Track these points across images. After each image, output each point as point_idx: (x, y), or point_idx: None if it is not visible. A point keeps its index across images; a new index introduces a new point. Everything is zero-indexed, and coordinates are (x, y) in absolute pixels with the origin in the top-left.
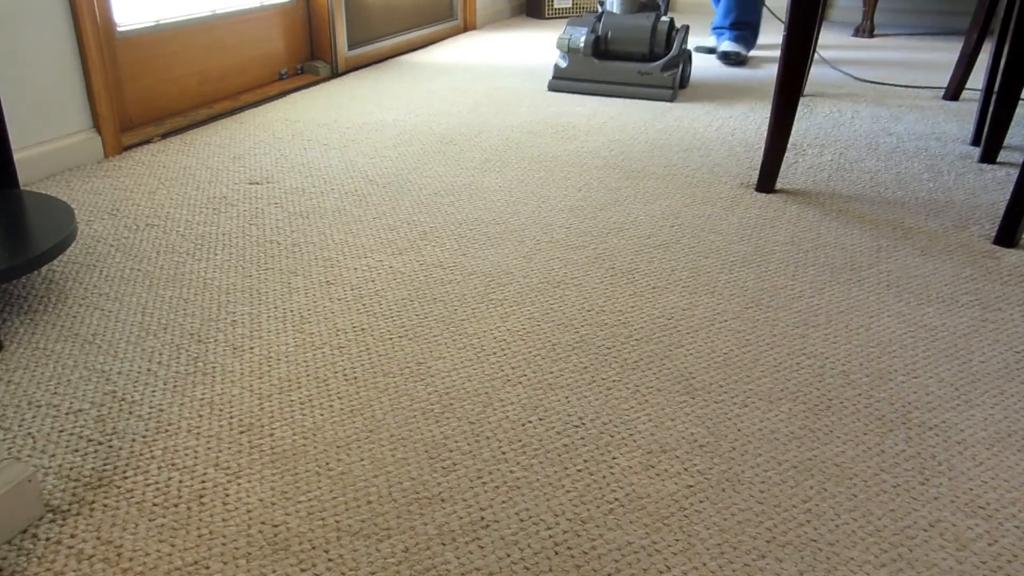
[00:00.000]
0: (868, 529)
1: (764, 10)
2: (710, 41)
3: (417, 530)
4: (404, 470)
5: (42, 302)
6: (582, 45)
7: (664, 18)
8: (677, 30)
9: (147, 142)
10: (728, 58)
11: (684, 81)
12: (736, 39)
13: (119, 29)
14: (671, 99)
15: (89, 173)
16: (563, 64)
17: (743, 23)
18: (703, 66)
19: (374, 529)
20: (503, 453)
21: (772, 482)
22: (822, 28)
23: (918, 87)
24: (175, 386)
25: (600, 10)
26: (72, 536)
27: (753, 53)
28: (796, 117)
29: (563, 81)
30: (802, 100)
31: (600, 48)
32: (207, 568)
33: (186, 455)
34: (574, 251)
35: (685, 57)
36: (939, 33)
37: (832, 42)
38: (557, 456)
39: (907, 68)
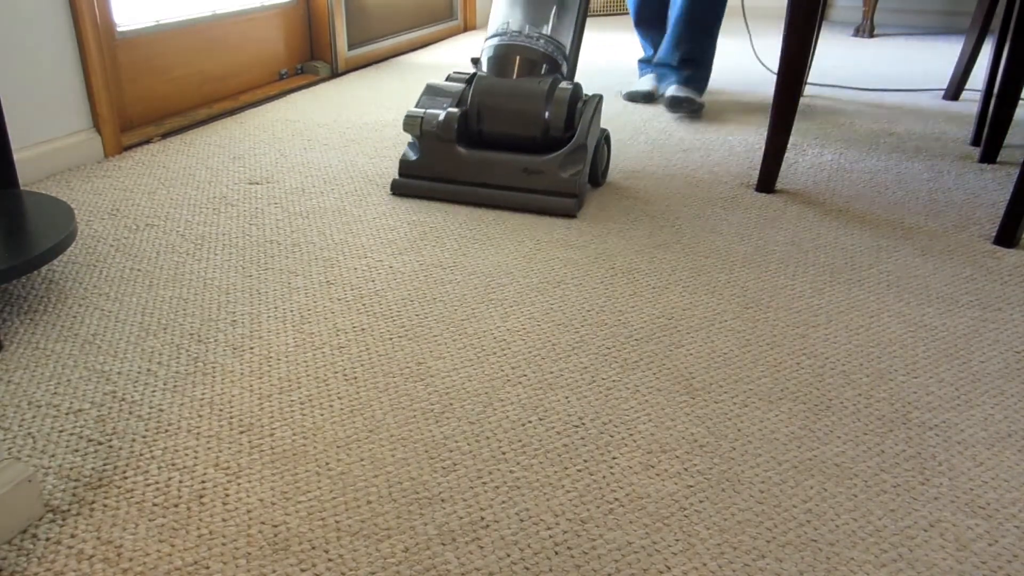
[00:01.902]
0: (868, 529)
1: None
2: (643, 83)
3: (417, 530)
4: (404, 470)
5: (42, 302)
6: (440, 126)
7: (565, 84)
8: (585, 100)
9: (147, 142)
10: (680, 106)
11: (599, 177)
12: (687, 82)
13: (119, 29)
14: (575, 210)
15: (89, 173)
16: (412, 156)
17: (694, 60)
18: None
19: (374, 529)
20: (503, 453)
21: (772, 482)
22: (822, 28)
23: (918, 90)
24: (175, 386)
25: (475, 71)
26: (72, 536)
27: (707, 97)
28: (796, 117)
29: (412, 181)
30: (802, 100)
31: (470, 130)
32: (207, 568)
33: (186, 455)
34: (574, 251)
35: (599, 142)
36: (939, 33)
37: (832, 42)
38: (557, 456)
39: (907, 68)
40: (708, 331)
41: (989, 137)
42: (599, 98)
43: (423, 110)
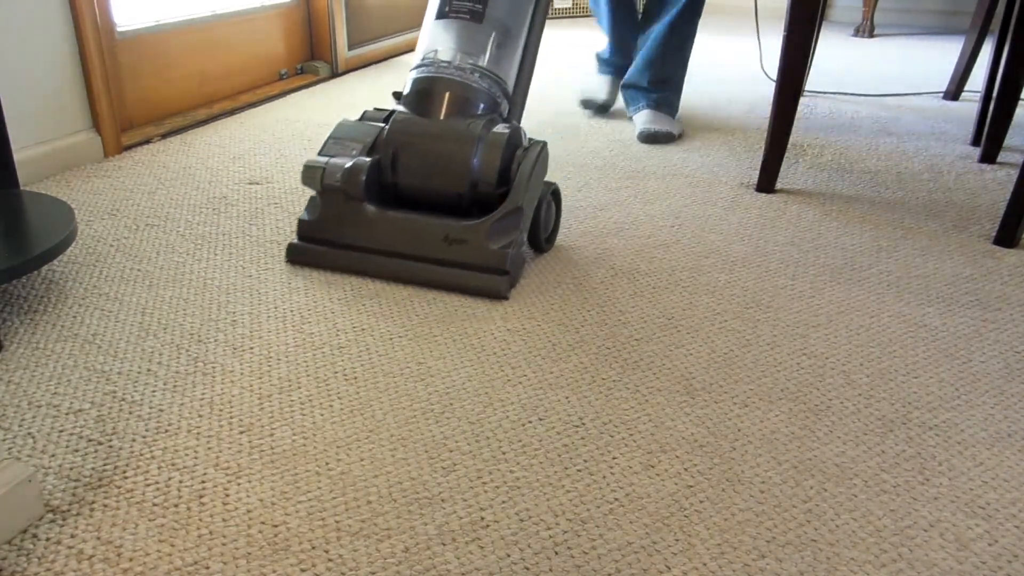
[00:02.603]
0: (868, 529)
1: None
2: (600, 88)
3: (417, 530)
4: (404, 470)
5: (42, 302)
6: (344, 179)
7: (501, 127)
8: (526, 148)
9: (147, 142)
10: (655, 140)
11: (542, 242)
12: (658, 105)
13: (119, 29)
14: (505, 291)
15: (89, 173)
16: (311, 215)
17: (666, 80)
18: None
19: (374, 529)
20: (503, 453)
21: (772, 482)
22: (822, 28)
23: (918, 93)
24: (175, 386)
25: (396, 106)
26: (72, 536)
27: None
28: (796, 117)
29: (309, 247)
30: (802, 100)
31: (384, 183)
32: (207, 568)
33: (186, 455)
34: (574, 251)
35: (543, 201)
36: (939, 33)
37: (832, 42)
38: (557, 456)
39: (907, 68)
40: (708, 331)
41: (989, 137)
42: (542, 146)
43: (326, 158)
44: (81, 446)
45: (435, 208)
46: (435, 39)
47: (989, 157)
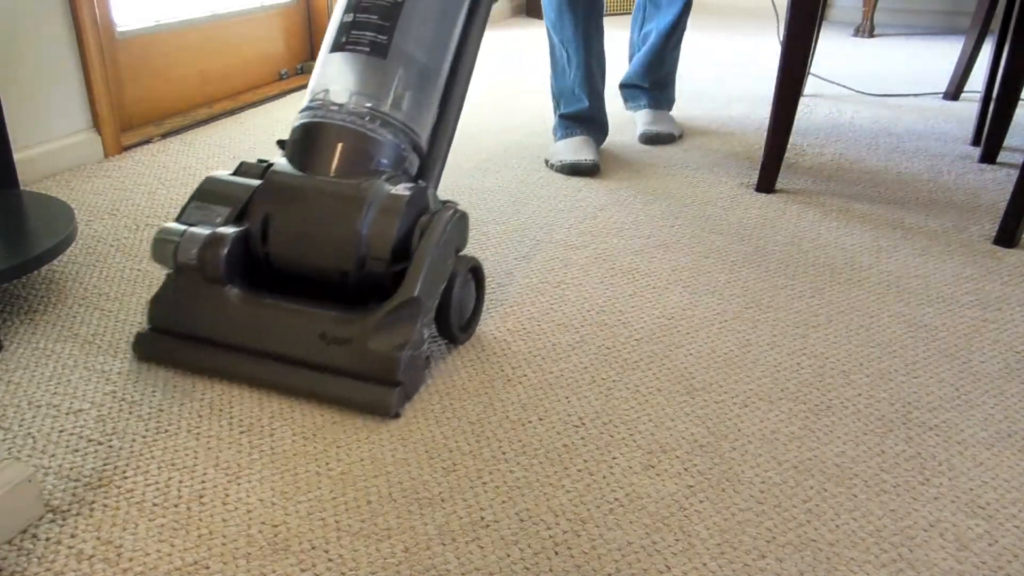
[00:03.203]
0: (868, 529)
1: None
2: (578, 149)
3: (417, 530)
4: (404, 470)
5: (42, 302)
6: (200, 256)
7: (402, 187)
8: (434, 215)
9: (147, 142)
10: (658, 140)
11: (456, 333)
12: (659, 103)
13: (119, 29)
14: (393, 406)
15: (89, 173)
16: (160, 299)
17: (665, 77)
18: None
19: (374, 529)
20: (503, 453)
21: (772, 482)
22: (822, 28)
23: (918, 95)
24: (175, 386)
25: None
26: (72, 536)
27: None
28: (796, 117)
29: (161, 338)
30: (802, 100)
31: (254, 260)
32: (207, 568)
33: (186, 455)
34: (574, 251)
35: (453, 283)
36: (939, 33)
37: (832, 42)
38: (557, 456)
39: (907, 68)
40: (708, 331)
41: (989, 137)
42: (452, 212)
43: (183, 227)
44: (81, 446)
45: (317, 290)
46: (327, 76)
47: (989, 157)
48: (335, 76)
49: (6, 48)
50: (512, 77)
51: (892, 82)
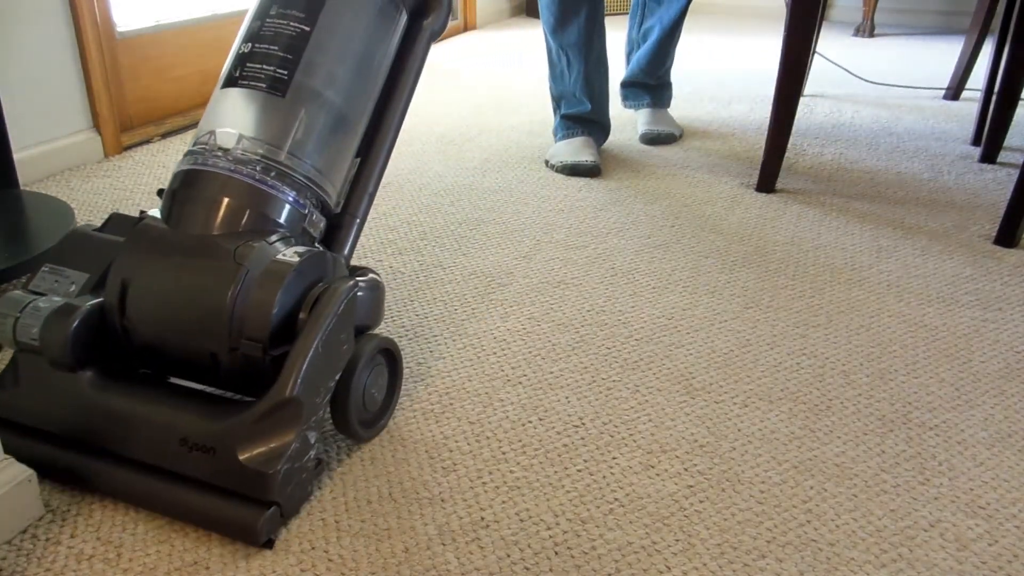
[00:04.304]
0: (868, 529)
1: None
2: (578, 150)
3: (417, 530)
4: (404, 470)
5: None
6: (44, 337)
7: (290, 255)
8: (327, 286)
9: (147, 142)
10: (659, 140)
11: (358, 429)
12: (660, 101)
13: (119, 30)
14: (261, 533)
15: (89, 173)
16: (5, 385)
17: (665, 74)
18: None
19: (374, 529)
20: (503, 453)
21: (772, 482)
22: (822, 28)
23: (918, 87)
24: None
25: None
26: (72, 536)
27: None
28: (796, 117)
29: (2, 430)
30: (802, 100)
31: (113, 338)
32: (207, 568)
33: None
34: (574, 251)
35: (359, 367)
36: (939, 33)
37: (832, 42)
38: (557, 456)
39: (907, 68)
40: (708, 331)
41: (989, 137)
42: (354, 284)
43: (29, 297)
44: None
45: (186, 375)
46: (215, 115)
47: (989, 157)
48: (224, 116)
49: (6, 48)
50: (512, 77)
51: (892, 82)
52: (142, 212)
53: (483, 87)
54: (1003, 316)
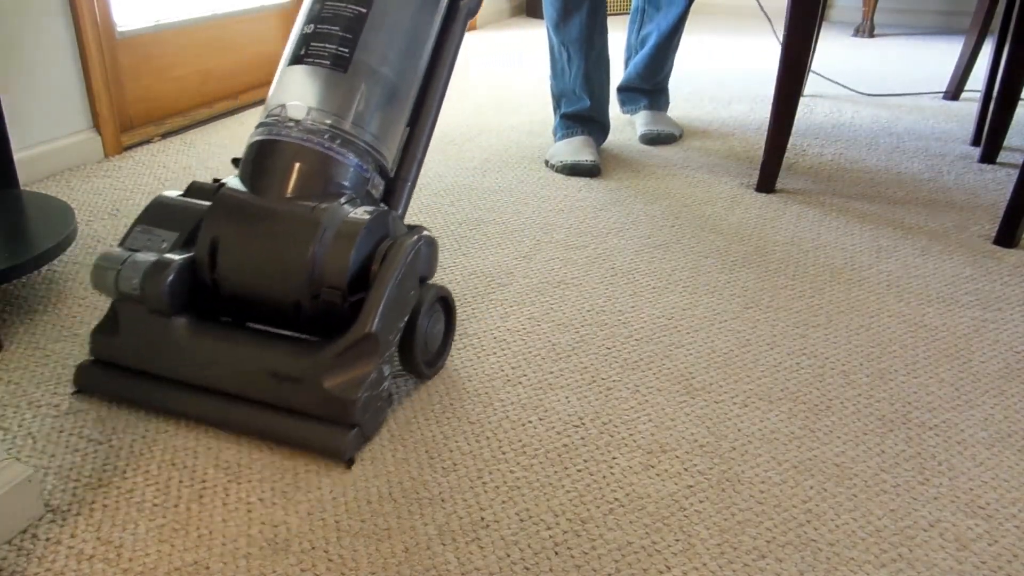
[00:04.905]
0: (868, 529)
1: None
2: (578, 150)
3: (417, 530)
4: (404, 470)
5: (42, 302)
6: (143, 287)
7: (361, 211)
8: (395, 240)
9: (147, 142)
10: (659, 140)
11: (422, 367)
12: (657, 104)
13: (119, 29)
14: (348, 449)
15: (89, 173)
16: (102, 330)
17: (664, 78)
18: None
19: (374, 529)
20: (503, 453)
21: (772, 482)
22: (822, 28)
23: (918, 93)
24: None
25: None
26: (72, 536)
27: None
28: (796, 117)
29: (103, 371)
30: (802, 100)
31: (202, 289)
32: (207, 568)
33: (186, 455)
34: (574, 251)
35: (421, 312)
36: (939, 33)
37: (832, 42)
38: (557, 456)
39: (907, 68)
40: (708, 331)
41: (989, 137)
42: (416, 239)
43: (126, 253)
44: (81, 446)
45: (269, 321)
46: (284, 90)
47: (989, 157)
48: (292, 91)
49: (6, 48)
50: (512, 77)
51: (892, 82)
52: (216, 180)
53: (483, 87)
54: (1003, 316)
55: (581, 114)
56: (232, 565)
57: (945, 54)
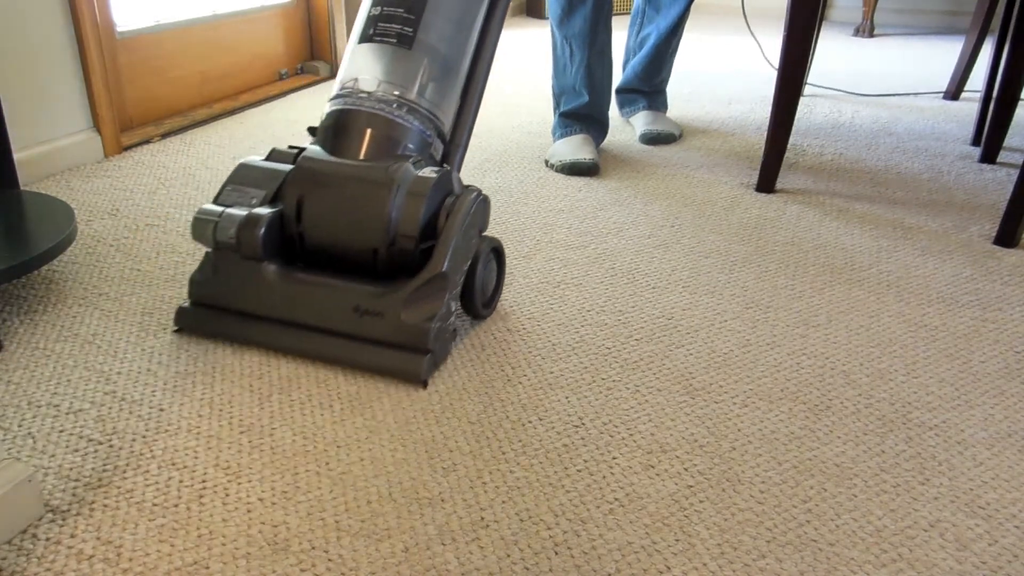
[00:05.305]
0: (868, 529)
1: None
2: (577, 150)
3: (417, 530)
4: (404, 470)
5: (42, 302)
6: (238, 235)
7: (429, 170)
8: (458, 196)
9: (147, 142)
10: (659, 140)
11: (479, 308)
12: (656, 104)
13: (119, 30)
14: (424, 372)
15: (89, 173)
16: (200, 276)
17: (663, 80)
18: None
19: (374, 529)
20: (503, 453)
21: (772, 482)
22: (822, 28)
23: (918, 93)
24: (175, 386)
25: (309, 144)
26: (72, 536)
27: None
28: (796, 117)
29: (201, 312)
30: (802, 100)
31: (290, 236)
32: (207, 568)
33: (186, 455)
34: (574, 251)
35: (477, 261)
36: (939, 33)
37: (832, 42)
38: (557, 456)
39: (907, 68)
40: (708, 331)
41: (989, 137)
42: (476, 194)
43: (221, 208)
44: (81, 446)
45: (347, 268)
46: (356, 66)
47: (989, 157)
48: (364, 66)
49: (6, 48)
50: (512, 77)
51: (892, 82)
52: (292, 147)
53: None
54: (1003, 316)
55: (579, 112)
56: (232, 565)
57: (945, 54)
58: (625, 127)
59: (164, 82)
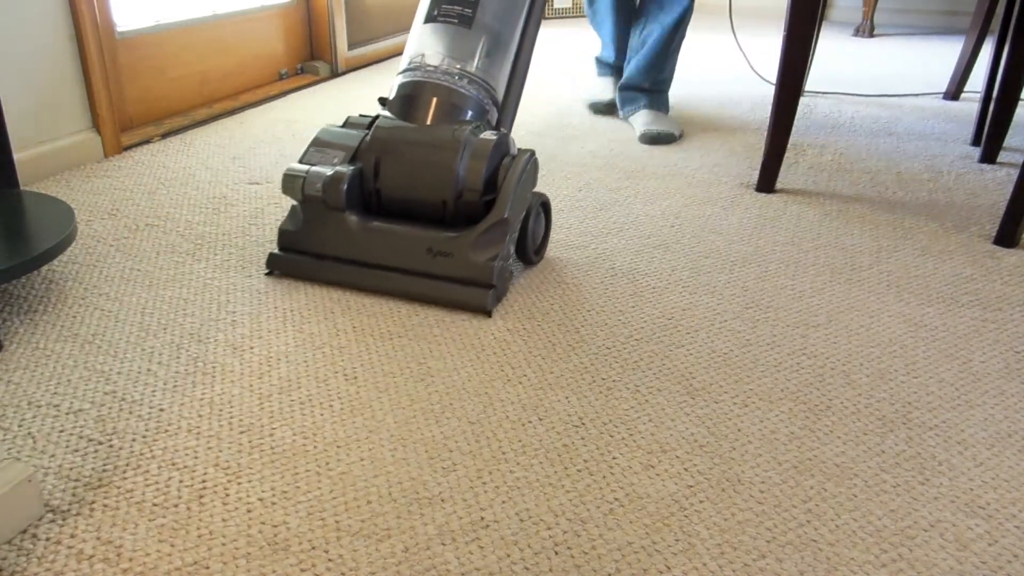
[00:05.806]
0: (868, 529)
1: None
2: (605, 90)
3: (417, 530)
4: (404, 470)
5: (42, 302)
6: (324, 189)
7: (489, 133)
8: (513, 156)
9: (147, 142)
10: (659, 140)
11: (531, 254)
12: (656, 104)
13: (119, 30)
14: (489, 305)
15: (89, 173)
16: (293, 225)
17: (663, 81)
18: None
19: (374, 529)
20: (503, 453)
21: (772, 482)
22: (822, 28)
23: (918, 93)
24: (175, 386)
25: (381, 112)
26: (72, 536)
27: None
28: (796, 117)
29: (290, 257)
30: (802, 100)
31: (367, 191)
32: (207, 568)
33: (186, 455)
34: (574, 251)
35: (530, 211)
36: (939, 33)
37: (832, 42)
38: (557, 456)
39: (907, 68)
40: (708, 331)
41: (989, 137)
42: (530, 154)
43: (307, 167)
44: (81, 446)
45: (419, 217)
46: (423, 43)
47: (989, 157)
48: (429, 43)
49: (6, 48)
50: None
51: (892, 82)
52: (363, 115)
53: None
54: (1003, 316)
55: (610, 62)
56: (232, 565)
57: (945, 54)
58: (625, 127)
59: (164, 82)
